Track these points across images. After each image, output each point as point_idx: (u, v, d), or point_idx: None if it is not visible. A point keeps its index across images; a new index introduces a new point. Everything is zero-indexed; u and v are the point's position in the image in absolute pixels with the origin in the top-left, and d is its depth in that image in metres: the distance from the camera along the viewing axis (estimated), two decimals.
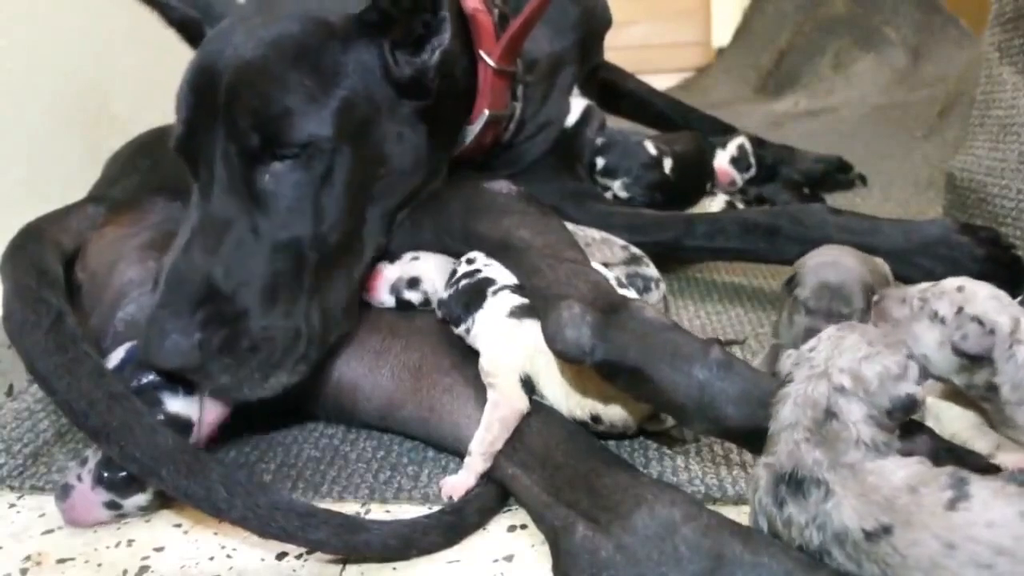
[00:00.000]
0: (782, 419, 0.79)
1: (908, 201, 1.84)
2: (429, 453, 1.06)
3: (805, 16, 3.16)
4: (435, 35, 1.08)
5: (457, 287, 1.05)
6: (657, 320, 0.91)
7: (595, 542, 0.79)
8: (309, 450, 1.09)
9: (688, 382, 0.86)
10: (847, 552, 0.71)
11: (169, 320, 0.96)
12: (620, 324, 0.90)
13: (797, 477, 0.75)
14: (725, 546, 0.75)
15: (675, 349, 0.87)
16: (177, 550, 0.95)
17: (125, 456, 0.91)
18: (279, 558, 0.92)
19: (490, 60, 1.25)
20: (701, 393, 0.86)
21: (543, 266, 1.01)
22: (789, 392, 0.80)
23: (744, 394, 0.85)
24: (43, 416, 1.20)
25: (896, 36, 2.92)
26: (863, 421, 0.76)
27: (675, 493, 0.81)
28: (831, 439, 0.76)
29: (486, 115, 1.26)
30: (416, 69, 1.08)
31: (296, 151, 1.00)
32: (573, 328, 0.90)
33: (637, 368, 0.88)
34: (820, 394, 0.78)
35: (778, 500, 0.76)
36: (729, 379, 0.86)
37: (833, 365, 0.79)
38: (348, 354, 1.08)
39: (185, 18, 1.22)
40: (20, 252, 1.08)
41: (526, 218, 1.09)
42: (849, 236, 1.24)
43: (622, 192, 1.63)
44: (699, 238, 1.38)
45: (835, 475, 0.74)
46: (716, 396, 0.85)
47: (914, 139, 2.29)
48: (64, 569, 0.94)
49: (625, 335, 0.89)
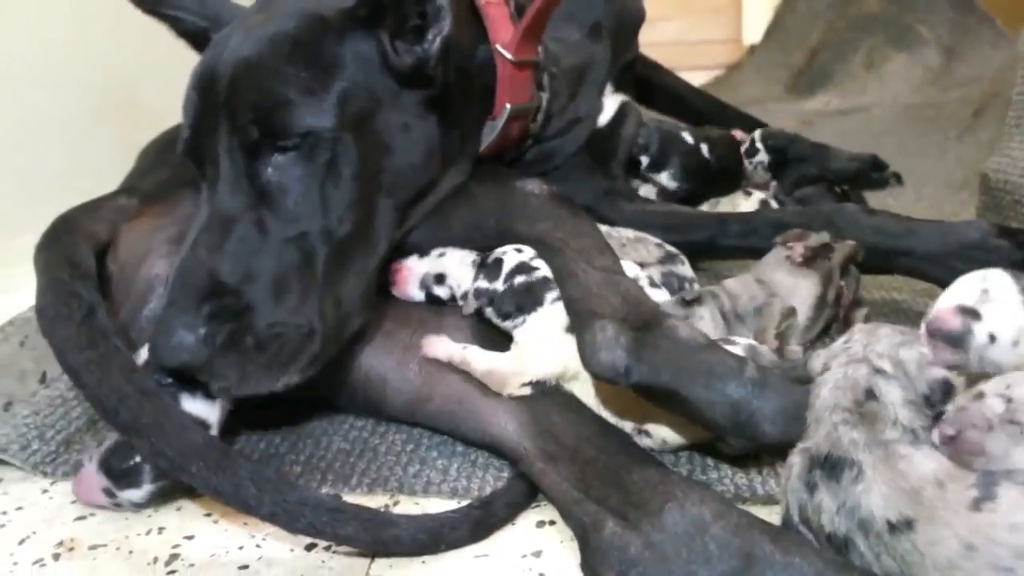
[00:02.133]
0: (821, 403, 0.80)
1: (941, 202, 1.82)
2: (458, 447, 1.06)
3: (838, 14, 3.13)
4: (434, 23, 1.07)
5: (512, 283, 1.05)
6: (691, 338, 0.91)
7: (624, 539, 0.79)
8: (339, 443, 1.10)
9: (723, 401, 0.87)
10: (869, 543, 0.71)
11: (175, 317, 0.95)
12: (654, 344, 0.90)
13: (832, 459, 0.75)
14: (755, 545, 0.74)
15: (709, 368, 0.88)
16: (207, 539, 0.96)
17: (155, 451, 0.91)
18: (308, 549, 0.93)
19: (506, 53, 1.23)
20: (737, 412, 0.86)
21: (577, 271, 1.01)
22: (827, 378, 0.81)
23: (780, 410, 0.86)
24: (76, 404, 1.21)
25: (930, 35, 2.89)
26: (902, 404, 0.78)
27: (705, 491, 0.81)
28: (870, 418, 0.77)
29: (508, 109, 1.25)
30: (417, 58, 1.07)
31: (296, 142, 1.00)
32: (608, 350, 0.91)
33: (671, 388, 0.89)
34: (861, 376, 0.80)
35: (810, 485, 0.76)
36: (764, 396, 0.86)
37: (872, 351, 0.81)
38: (377, 348, 1.09)
39: (193, 29, 1.23)
40: (53, 244, 1.09)
41: (559, 221, 1.10)
42: (883, 238, 1.23)
43: (670, 183, 1.63)
44: (732, 237, 1.37)
45: (869, 456, 0.74)
46: (752, 414, 0.86)
47: (947, 139, 2.26)
48: (96, 555, 0.95)
49: (659, 355, 0.90)
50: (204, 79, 1.04)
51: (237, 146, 1.01)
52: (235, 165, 1.01)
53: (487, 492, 0.97)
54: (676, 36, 2.53)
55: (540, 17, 1.23)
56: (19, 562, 0.94)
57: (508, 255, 1.08)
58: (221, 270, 0.97)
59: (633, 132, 1.60)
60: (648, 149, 1.62)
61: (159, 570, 0.92)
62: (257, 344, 0.96)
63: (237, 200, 1.00)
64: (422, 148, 1.11)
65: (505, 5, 1.27)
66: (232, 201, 1.01)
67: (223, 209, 1.00)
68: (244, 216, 1.00)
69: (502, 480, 0.99)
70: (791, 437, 0.83)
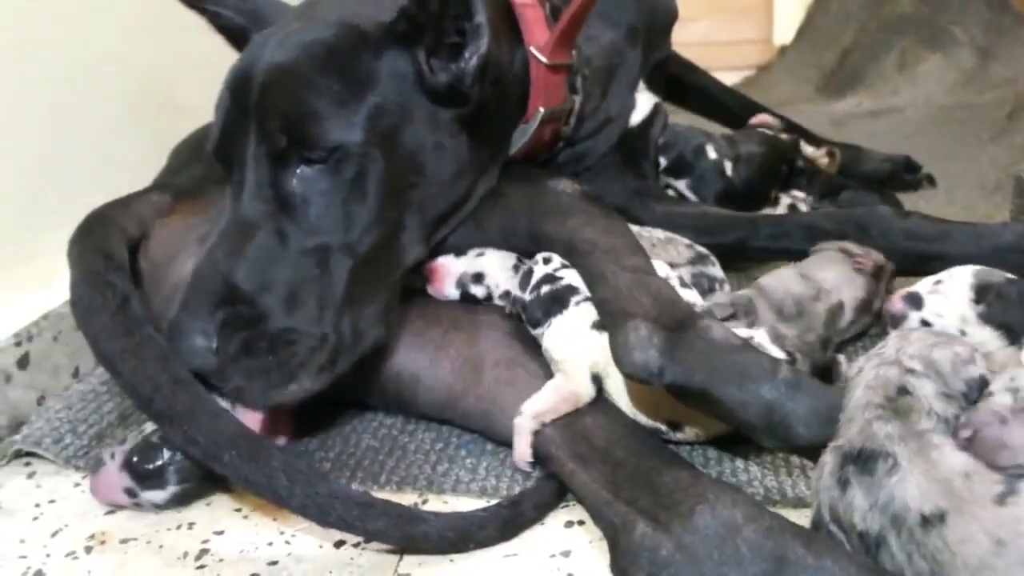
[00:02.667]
0: (854, 403, 0.81)
1: (974, 205, 1.80)
2: (488, 446, 1.06)
3: (870, 14, 3.10)
4: (472, 41, 1.05)
5: (538, 293, 1.04)
6: (725, 339, 0.91)
7: (655, 540, 0.79)
8: (368, 440, 1.10)
9: (757, 402, 0.86)
10: (902, 542, 0.71)
11: (188, 321, 0.96)
12: (687, 344, 0.90)
13: (866, 453, 0.75)
14: (787, 549, 0.74)
15: (743, 369, 0.87)
16: (237, 534, 0.97)
17: (188, 440, 0.92)
18: (337, 546, 0.93)
19: (541, 56, 1.22)
20: (770, 413, 0.86)
21: (607, 272, 1.01)
22: (859, 380, 0.82)
23: (813, 412, 0.85)
24: (108, 398, 1.22)
25: (964, 36, 2.85)
26: (935, 396, 0.79)
27: (736, 494, 0.80)
28: (904, 411, 0.78)
29: (541, 113, 1.24)
30: (453, 76, 1.06)
31: (323, 155, 0.99)
32: (641, 350, 0.90)
33: (705, 389, 0.88)
34: (892, 375, 0.81)
35: (842, 482, 0.76)
36: (798, 398, 0.85)
37: (903, 353, 0.82)
38: (409, 346, 1.09)
39: (232, 25, 1.23)
40: (87, 237, 1.10)
41: (591, 219, 1.09)
42: (916, 242, 1.22)
43: (688, 193, 1.62)
44: (763, 240, 1.36)
45: (904, 448, 0.74)
46: (786, 415, 0.85)
47: (981, 142, 2.23)
48: (127, 548, 0.96)
49: (692, 356, 0.89)
50: (238, 81, 1.04)
51: (264, 153, 1.00)
52: (260, 172, 1.01)
53: (516, 491, 0.97)
54: (706, 36, 2.52)
55: (576, 20, 1.22)
56: (52, 554, 0.95)
57: (538, 266, 1.08)
58: (237, 276, 0.97)
59: (659, 133, 1.59)
60: (667, 151, 1.60)
61: (189, 564, 0.92)
62: (268, 352, 0.96)
63: (260, 208, 1.00)
64: (454, 166, 1.10)
65: (540, 6, 1.25)
66: (255, 208, 1.00)
67: (245, 216, 1.00)
68: (265, 224, 1.00)
69: (531, 480, 0.99)
70: (824, 439, 0.82)
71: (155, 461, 0.99)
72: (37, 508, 1.04)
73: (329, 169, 1.00)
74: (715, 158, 1.62)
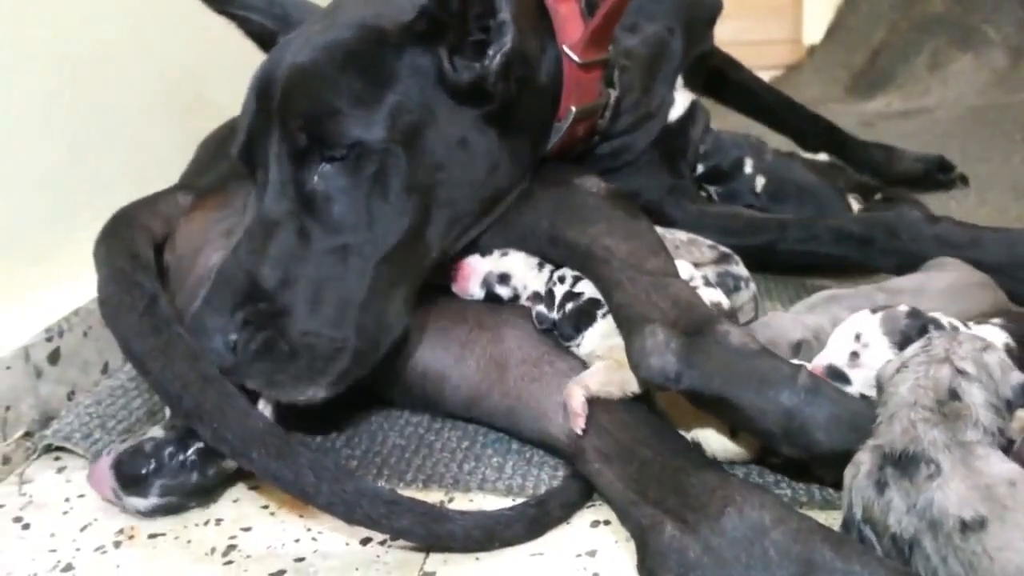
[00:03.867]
0: (898, 400, 0.80)
1: (1006, 207, 1.78)
2: (513, 445, 1.06)
3: (901, 14, 3.08)
4: (496, 39, 1.04)
5: (564, 311, 1.05)
6: (743, 345, 0.90)
7: (683, 542, 0.78)
8: (394, 438, 1.10)
9: (775, 409, 0.86)
10: (937, 544, 0.70)
11: (209, 319, 0.97)
12: (705, 350, 0.90)
13: (908, 456, 0.75)
14: (816, 552, 0.73)
15: (761, 376, 0.87)
16: (264, 531, 0.97)
17: (217, 437, 0.92)
18: (363, 543, 0.93)
19: (573, 55, 1.19)
20: (789, 420, 0.85)
21: (624, 279, 1.00)
22: (905, 376, 0.81)
23: (833, 419, 0.85)
24: (136, 395, 1.23)
25: (996, 35, 2.83)
26: (983, 406, 0.78)
27: (764, 496, 0.80)
28: (952, 418, 0.77)
29: (573, 112, 1.22)
30: (476, 75, 1.05)
31: (344, 152, 0.99)
32: (658, 356, 0.90)
33: (722, 395, 0.88)
34: (944, 376, 0.79)
35: (879, 483, 0.75)
36: (817, 404, 0.85)
37: (954, 353, 0.81)
38: (434, 344, 1.09)
39: (262, 30, 1.23)
40: (113, 237, 1.11)
41: (613, 223, 1.08)
42: (947, 249, 1.20)
43: (716, 197, 1.63)
44: (793, 243, 1.35)
45: (948, 456, 0.74)
46: (805, 422, 0.85)
47: (1013, 143, 2.21)
48: (155, 544, 0.96)
49: (710, 361, 0.89)
50: (262, 83, 1.05)
51: (286, 152, 1.01)
52: (283, 171, 1.01)
53: (542, 490, 0.97)
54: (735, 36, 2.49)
55: (611, 17, 1.20)
56: (81, 548, 0.96)
57: (556, 287, 1.08)
58: (260, 275, 0.98)
59: (699, 137, 1.58)
60: (707, 159, 1.60)
61: (216, 560, 0.93)
62: (288, 352, 0.97)
63: (283, 206, 1.01)
64: (482, 162, 1.09)
65: (575, 1, 1.23)
66: (278, 207, 1.01)
67: (269, 214, 1.01)
68: (288, 223, 1.00)
69: (557, 479, 0.99)
70: (844, 446, 0.83)
71: (140, 469, 0.98)
72: (67, 502, 1.05)
73: (350, 167, 1.00)
74: (750, 173, 1.62)
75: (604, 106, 1.30)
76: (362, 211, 1.00)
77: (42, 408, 1.19)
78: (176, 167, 1.37)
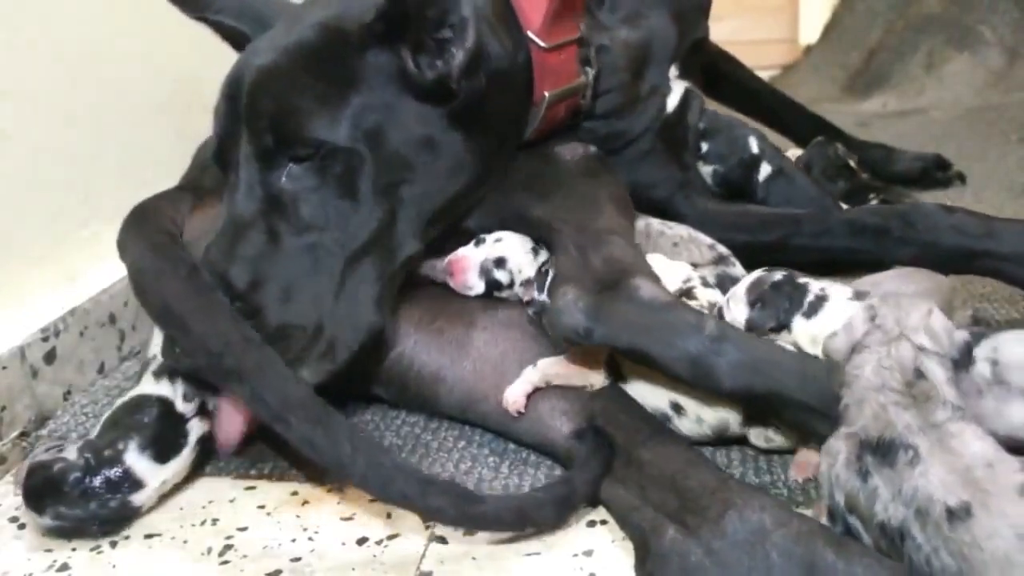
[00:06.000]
0: (865, 383, 0.79)
1: (1002, 206, 1.78)
2: (510, 445, 1.06)
3: (897, 14, 3.07)
4: (457, 37, 1.04)
5: None
6: (654, 298, 0.94)
7: (685, 545, 0.79)
8: (391, 438, 1.10)
9: (683, 356, 0.91)
10: (927, 535, 0.70)
11: None
12: (614, 305, 0.94)
13: (884, 442, 0.75)
14: (817, 554, 0.74)
15: (669, 326, 0.92)
16: (260, 530, 0.97)
17: (255, 398, 0.93)
18: (360, 543, 0.93)
19: (538, 40, 1.18)
20: (696, 366, 0.90)
21: (569, 244, 1.04)
22: (868, 357, 0.80)
23: (738, 364, 0.89)
24: None
25: (992, 36, 2.83)
26: (946, 383, 0.78)
27: (764, 498, 0.80)
28: (921, 400, 0.77)
29: (547, 97, 1.20)
30: (439, 74, 1.05)
31: (310, 152, 1.01)
32: (568, 314, 0.94)
33: (634, 347, 0.93)
34: (906, 355, 0.79)
35: (862, 472, 0.75)
36: (723, 351, 0.90)
37: (906, 326, 0.81)
38: (430, 345, 1.09)
39: (235, 33, 1.23)
40: (144, 221, 1.11)
41: (572, 191, 1.13)
42: (962, 238, 1.18)
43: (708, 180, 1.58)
44: (806, 237, 1.33)
45: (924, 439, 0.74)
46: (711, 368, 0.90)
47: (1009, 143, 2.21)
48: (151, 543, 0.96)
49: (618, 316, 0.93)
50: (231, 86, 1.06)
51: (254, 153, 1.03)
52: (251, 172, 1.03)
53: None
54: (731, 35, 2.49)
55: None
56: (77, 548, 0.96)
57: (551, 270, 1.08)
58: (231, 275, 0.99)
59: (697, 119, 1.55)
60: (707, 137, 1.57)
61: (213, 560, 0.93)
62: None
63: (252, 207, 1.02)
64: (450, 160, 1.09)
65: None
66: (247, 207, 1.03)
67: (238, 215, 1.03)
68: (258, 223, 1.02)
69: (553, 478, 0.99)
70: (751, 388, 0.90)
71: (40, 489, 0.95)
72: None
73: (316, 167, 1.02)
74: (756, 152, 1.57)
75: (583, 86, 1.28)
76: (330, 210, 1.02)
77: (38, 408, 1.19)
78: (174, 168, 1.37)
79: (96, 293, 1.34)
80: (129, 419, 1.00)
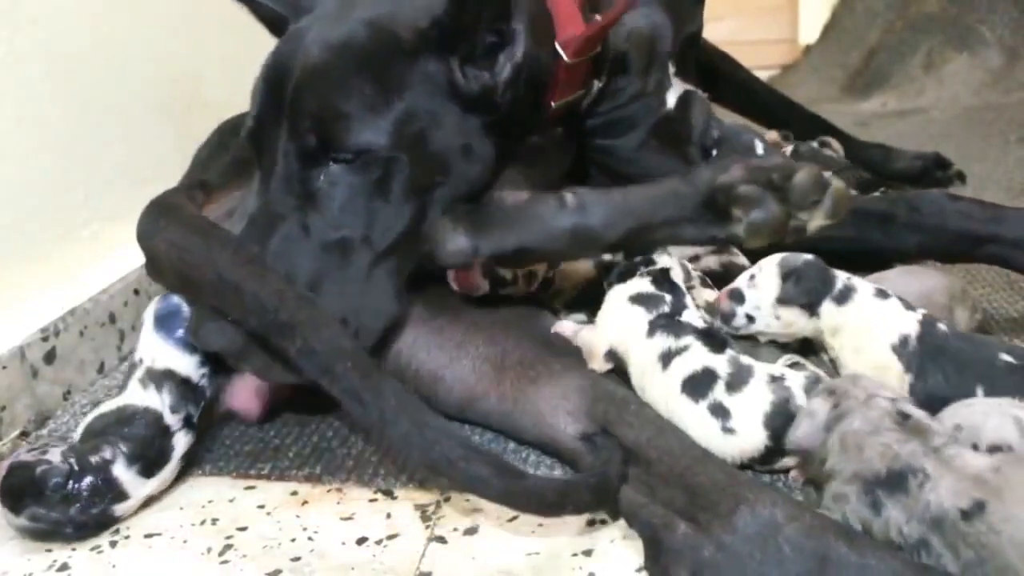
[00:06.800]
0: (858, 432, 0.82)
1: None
2: (510, 444, 1.06)
3: (896, 14, 3.07)
4: (507, 48, 1.05)
5: None
6: (516, 200, 1.04)
7: (697, 540, 0.79)
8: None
9: (562, 234, 1.01)
10: (946, 538, 0.71)
11: None
12: (486, 218, 1.03)
13: (894, 472, 0.76)
14: (830, 547, 0.74)
15: (538, 215, 1.01)
16: (260, 530, 0.97)
17: (306, 350, 0.92)
18: (359, 543, 0.93)
19: (564, 54, 1.17)
20: (576, 235, 1.01)
21: None
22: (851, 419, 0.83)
23: (607, 215, 1.00)
24: None
25: (992, 36, 2.83)
26: (930, 418, 0.82)
27: (775, 493, 0.81)
28: (916, 432, 0.79)
29: (552, 107, 1.21)
30: (484, 85, 1.06)
31: (351, 156, 1.01)
32: (451, 240, 1.01)
33: (521, 247, 1.01)
34: (886, 406, 0.83)
35: (875, 506, 0.77)
36: (590, 213, 1.01)
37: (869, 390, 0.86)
38: (429, 343, 1.09)
39: (273, 15, 1.23)
40: (171, 208, 1.11)
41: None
42: (969, 224, 1.17)
43: None
44: None
45: (930, 461, 0.76)
46: (588, 229, 1.00)
47: (1008, 143, 2.21)
48: (151, 543, 0.96)
49: (495, 225, 1.02)
50: (274, 73, 1.06)
51: (294, 150, 1.03)
52: (290, 167, 1.03)
53: None
54: (730, 35, 2.49)
55: (606, 29, 1.19)
56: (77, 547, 0.96)
57: None
58: None
59: (703, 121, 1.54)
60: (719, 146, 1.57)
61: (212, 560, 0.93)
62: None
63: (287, 200, 1.03)
64: (480, 166, 1.10)
65: None
66: (282, 200, 1.03)
67: (272, 207, 1.03)
68: (291, 216, 1.02)
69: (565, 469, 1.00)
70: (627, 233, 1.01)
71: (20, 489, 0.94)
72: None
73: (356, 169, 1.02)
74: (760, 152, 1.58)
75: (587, 95, 1.28)
76: (363, 210, 1.03)
77: (38, 408, 1.19)
78: (174, 168, 1.37)
79: (96, 293, 1.34)
80: (117, 429, 1.00)
